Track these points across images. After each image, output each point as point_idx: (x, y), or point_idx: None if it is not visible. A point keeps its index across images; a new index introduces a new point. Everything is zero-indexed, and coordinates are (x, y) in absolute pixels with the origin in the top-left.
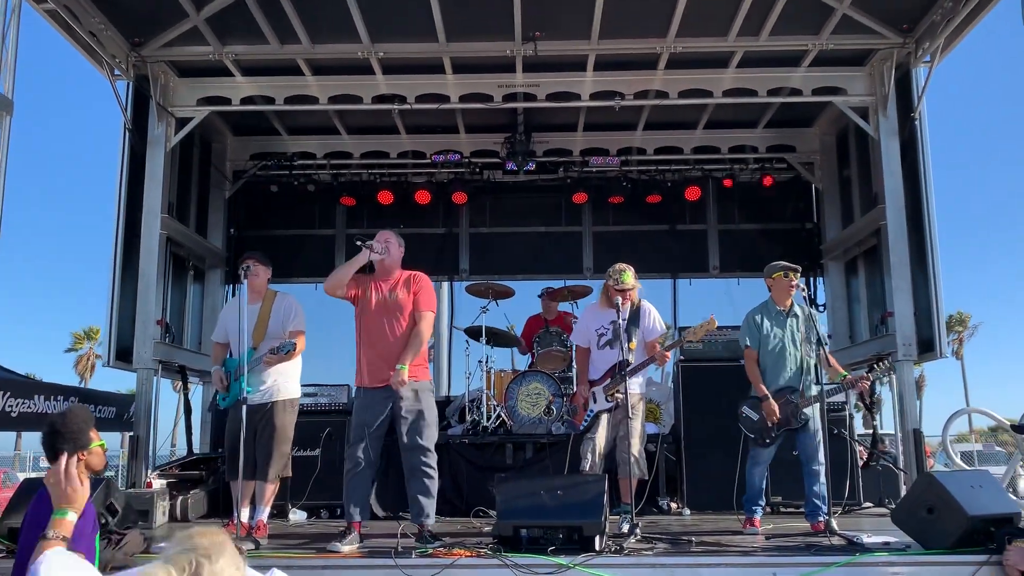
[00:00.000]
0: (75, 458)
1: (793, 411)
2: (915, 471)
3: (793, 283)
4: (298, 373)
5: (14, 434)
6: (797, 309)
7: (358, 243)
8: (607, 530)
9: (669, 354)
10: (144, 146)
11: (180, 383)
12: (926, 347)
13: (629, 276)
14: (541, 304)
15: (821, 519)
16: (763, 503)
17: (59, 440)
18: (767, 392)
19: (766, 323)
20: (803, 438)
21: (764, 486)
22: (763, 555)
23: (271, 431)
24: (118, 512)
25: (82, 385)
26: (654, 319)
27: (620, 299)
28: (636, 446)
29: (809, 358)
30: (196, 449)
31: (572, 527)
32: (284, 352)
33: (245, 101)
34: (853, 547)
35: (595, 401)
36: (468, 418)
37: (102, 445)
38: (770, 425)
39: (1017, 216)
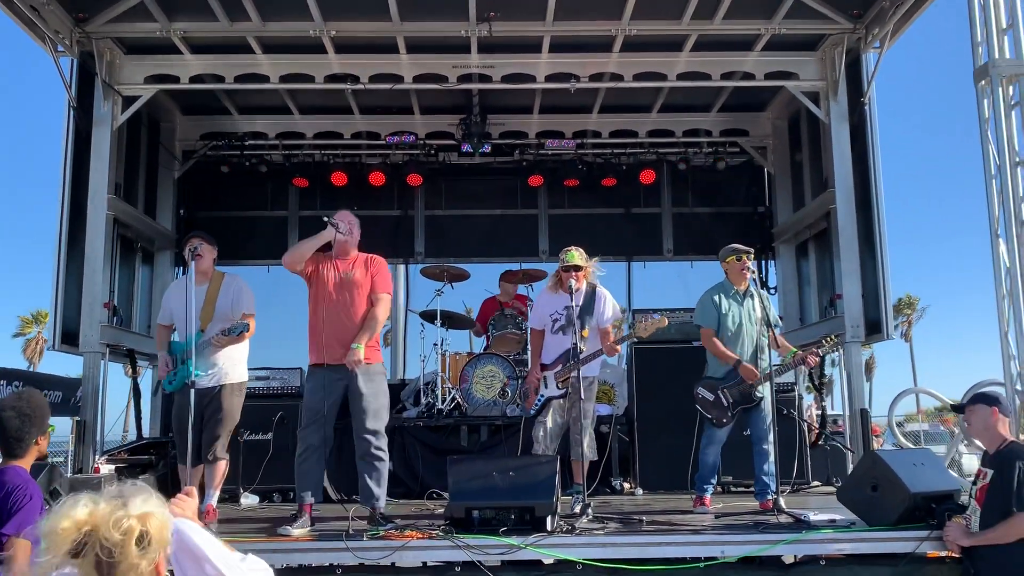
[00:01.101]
0: None
1: (746, 389)
2: (862, 450)
3: (746, 266)
4: (246, 357)
5: None
6: (753, 290)
7: (325, 219)
8: (559, 510)
9: (619, 348)
10: (89, 125)
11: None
12: (873, 328)
13: (575, 255)
14: (499, 286)
15: (770, 497)
16: (714, 482)
17: (27, 423)
18: (737, 357)
19: (724, 302)
20: (755, 418)
21: (717, 465)
22: (712, 533)
23: (219, 415)
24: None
25: (31, 370)
26: (608, 305)
27: (573, 282)
28: (588, 428)
29: (764, 338)
30: (146, 433)
31: (524, 508)
32: (236, 334)
33: (194, 79)
34: (800, 525)
35: (546, 386)
36: (423, 401)
37: (52, 429)
38: (727, 403)
39: (962, 201)
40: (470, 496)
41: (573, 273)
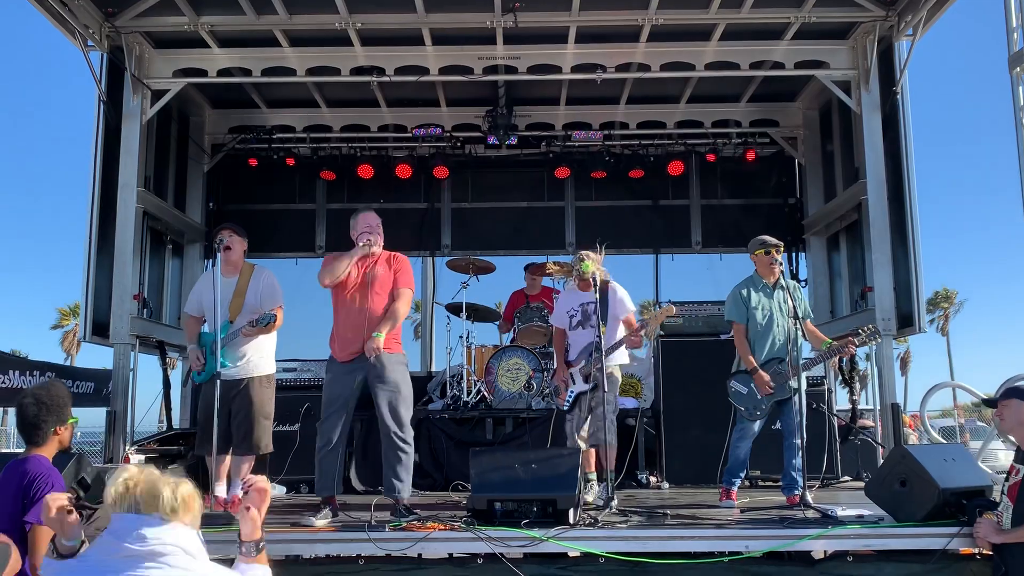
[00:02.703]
0: None
1: (781, 381)
2: (893, 445)
3: (774, 259)
4: (273, 349)
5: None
6: (784, 281)
7: (362, 244)
8: (582, 503)
9: (642, 338)
10: (119, 119)
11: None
12: (905, 322)
13: (589, 265)
14: (525, 279)
15: (797, 492)
16: (743, 475)
17: (44, 412)
18: (755, 364)
19: (754, 296)
20: (788, 411)
21: (747, 459)
22: (736, 528)
23: (249, 407)
24: (89, 486)
25: (68, 362)
26: (620, 298)
27: (597, 276)
28: (609, 416)
29: (797, 329)
30: (176, 424)
31: (546, 500)
32: (264, 324)
33: (222, 73)
34: (826, 520)
35: (574, 382)
36: (449, 393)
37: (75, 421)
38: (761, 397)
39: (1003, 193)
40: (492, 488)
41: (585, 283)
